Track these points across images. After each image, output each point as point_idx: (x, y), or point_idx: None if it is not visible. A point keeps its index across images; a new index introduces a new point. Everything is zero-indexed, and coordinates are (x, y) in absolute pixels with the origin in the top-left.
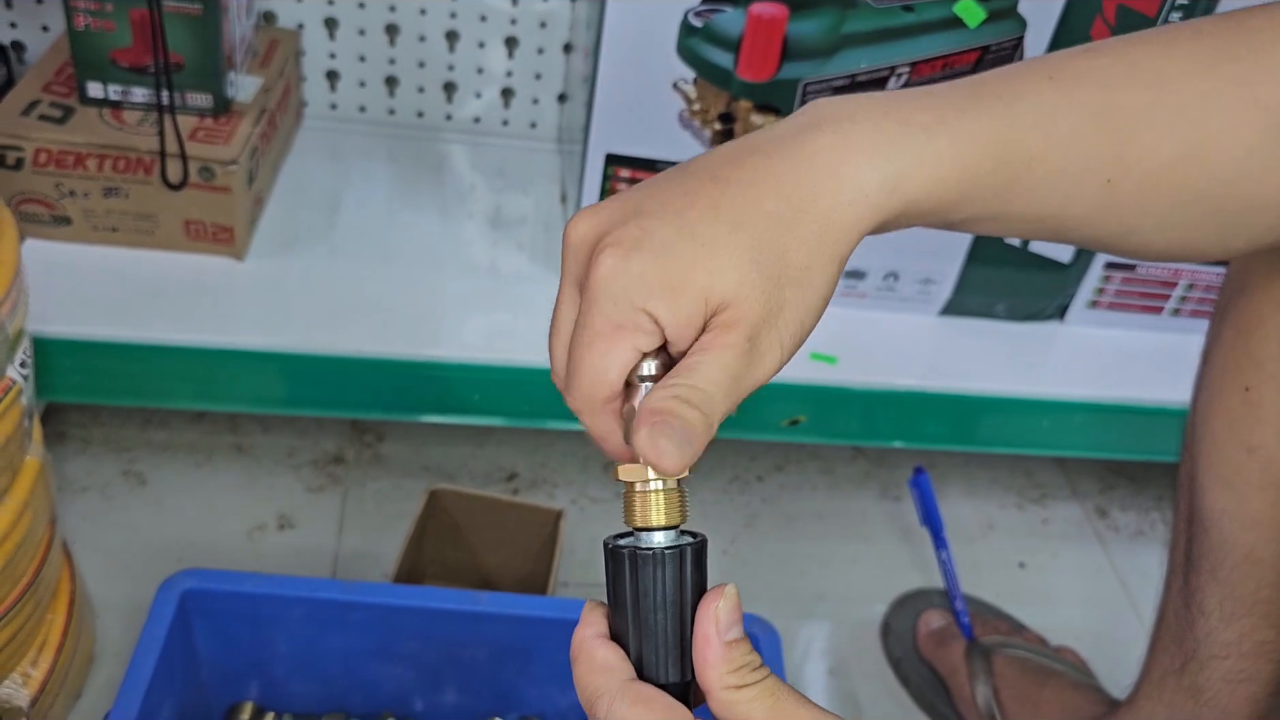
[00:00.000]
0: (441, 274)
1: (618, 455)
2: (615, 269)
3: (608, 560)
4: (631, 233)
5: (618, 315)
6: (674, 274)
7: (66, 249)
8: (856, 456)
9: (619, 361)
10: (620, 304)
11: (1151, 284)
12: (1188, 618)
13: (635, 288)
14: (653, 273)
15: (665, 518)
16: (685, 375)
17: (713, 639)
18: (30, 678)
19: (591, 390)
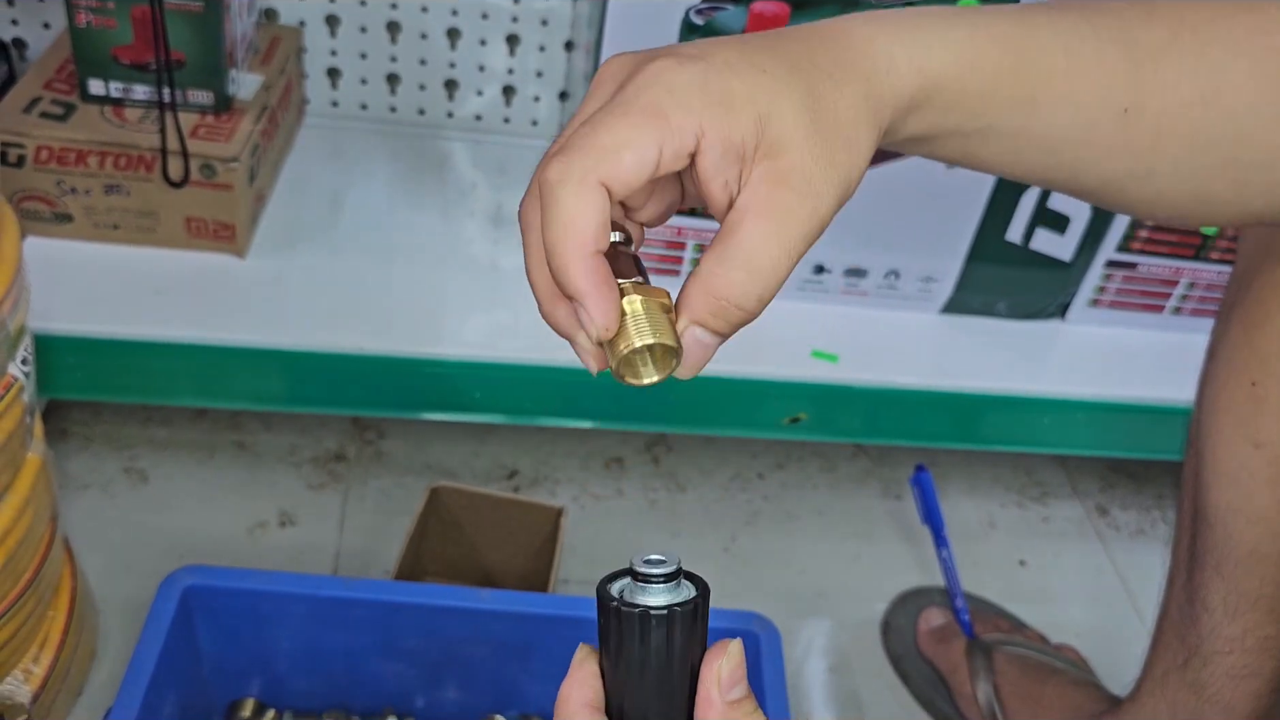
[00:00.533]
0: (443, 271)
1: (584, 249)
2: (673, 67)
3: (600, 612)
4: (690, 50)
5: (669, 104)
6: (734, 92)
7: (68, 246)
8: (857, 454)
9: (647, 144)
10: (675, 96)
11: (1153, 283)
12: (1191, 614)
13: (693, 89)
14: (713, 83)
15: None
16: (743, 252)
17: (715, 700)
18: (32, 674)
19: (601, 156)
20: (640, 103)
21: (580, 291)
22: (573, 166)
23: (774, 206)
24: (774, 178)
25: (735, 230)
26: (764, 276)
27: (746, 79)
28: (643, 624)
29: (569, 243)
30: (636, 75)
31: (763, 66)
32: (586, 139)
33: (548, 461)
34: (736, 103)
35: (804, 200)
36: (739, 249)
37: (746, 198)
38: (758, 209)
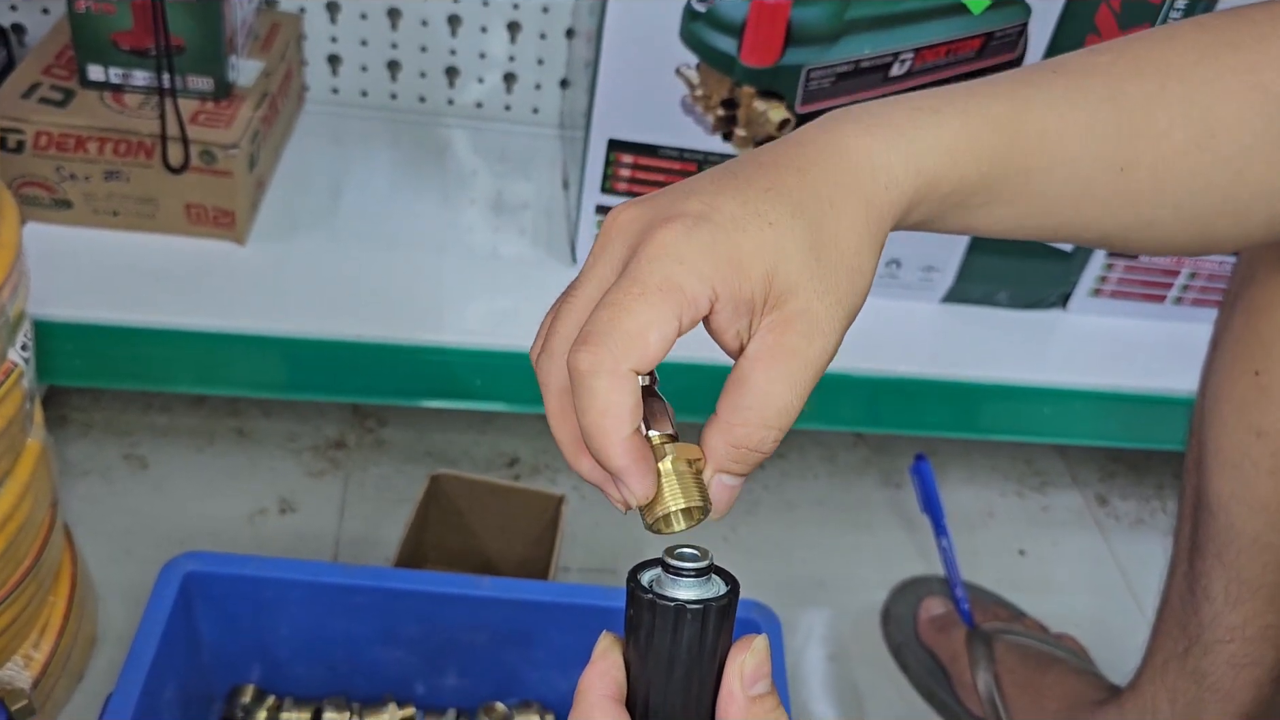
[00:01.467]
0: (443, 259)
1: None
2: (681, 235)
3: (631, 603)
4: (695, 207)
5: (680, 276)
6: (742, 251)
7: (67, 232)
8: (857, 443)
9: (667, 323)
10: (685, 266)
11: (1154, 272)
12: (1192, 603)
13: (704, 256)
14: (721, 245)
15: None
16: (754, 399)
17: (737, 695)
18: (32, 660)
19: (626, 347)
20: (655, 280)
21: (620, 469)
22: (602, 359)
23: (782, 352)
24: (782, 324)
25: (747, 379)
26: (779, 420)
27: (753, 235)
28: (677, 618)
29: (607, 428)
30: (647, 244)
31: (768, 218)
32: (611, 327)
33: (548, 450)
34: (745, 262)
35: (811, 341)
36: (753, 398)
37: (756, 346)
38: (767, 356)
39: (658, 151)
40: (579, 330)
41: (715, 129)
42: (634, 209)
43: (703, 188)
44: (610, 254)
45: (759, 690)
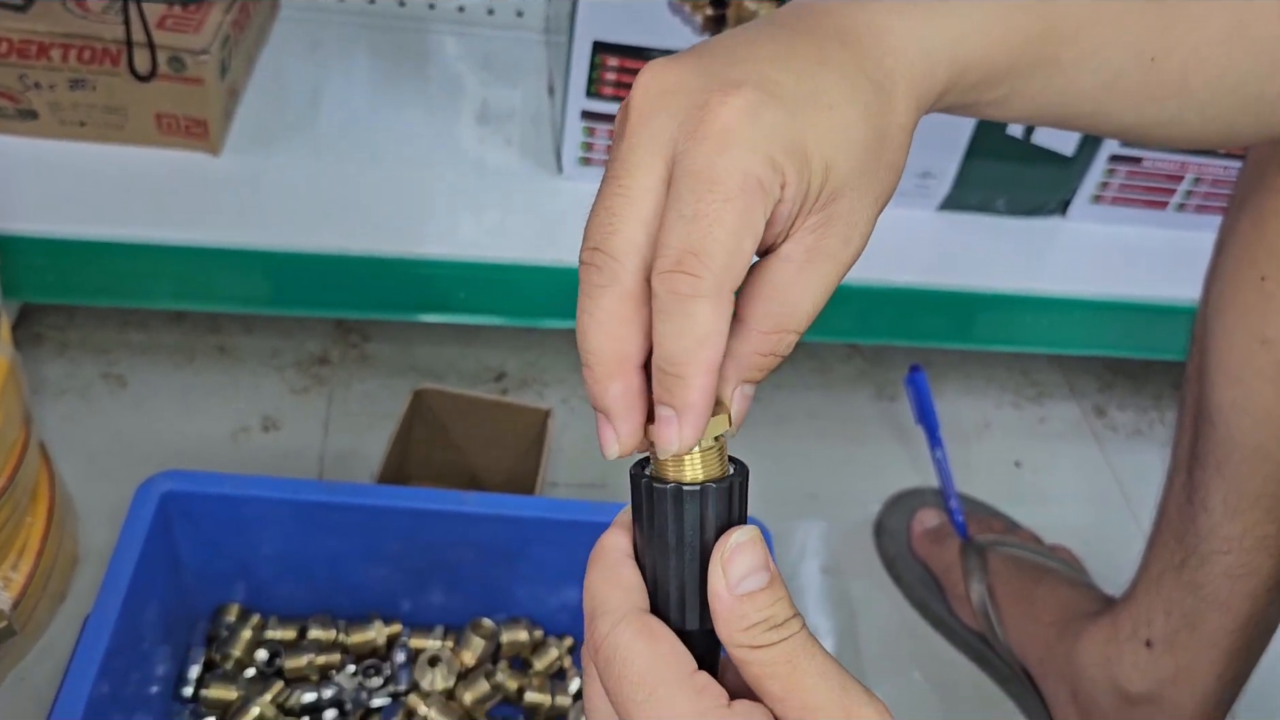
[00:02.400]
0: (427, 169)
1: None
2: (747, 116)
3: (631, 486)
4: (753, 77)
5: (758, 169)
6: (809, 136)
7: (34, 145)
8: (851, 355)
9: (758, 234)
10: (759, 155)
11: (1157, 178)
12: (1190, 514)
13: (772, 142)
14: (787, 129)
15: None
16: (785, 304)
17: (722, 594)
18: (11, 581)
19: (726, 264)
20: (736, 180)
21: (690, 405)
22: (706, 281)
23: (819, 255)
24: (824, 225)
25: (780, 283)
26: (804, 325)
27: (816, 119)
28: (650, 495)
29: (702, 359)
30: (708, 128)
31: (827, 99)
32: (710, 243)
33: (537, 363)
34: (810, 152)
35: (848, 244)
36: (784, 304)
37: (793, 247)
38: (803, 259)
39: (645, 54)
40: (648, 235)
41: (704, 29)
42: (671, 73)
43: (745, 53)
44: (655, 132)
45: (750, 586)
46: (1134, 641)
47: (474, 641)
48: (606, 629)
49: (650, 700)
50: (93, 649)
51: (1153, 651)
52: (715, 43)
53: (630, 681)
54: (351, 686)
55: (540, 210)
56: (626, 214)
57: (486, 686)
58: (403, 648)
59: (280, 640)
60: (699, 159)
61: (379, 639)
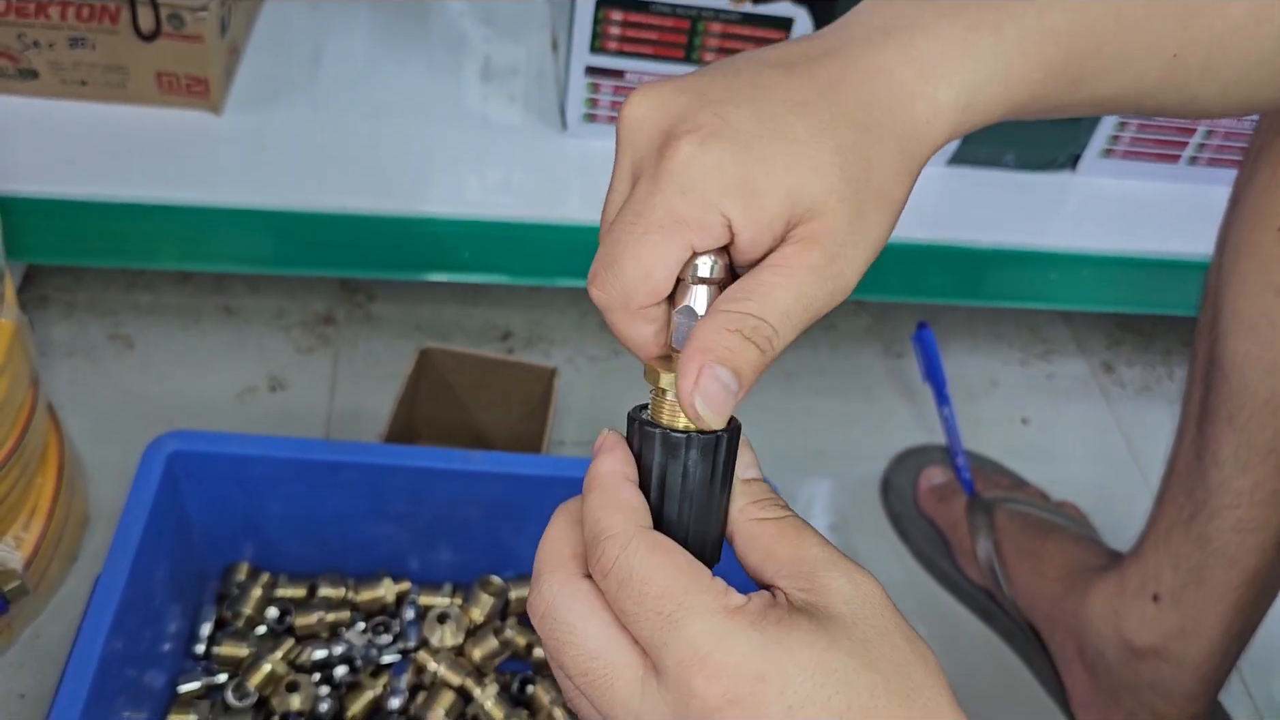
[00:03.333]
0: (430, 127)
1: (645, 356)
2: (691, 157)
3: (632, 432)
4: (708, 119)
5: (684, 208)
6: (757, 172)
7: (35, 104)
8: (858, 311)
9: (670, 261)
10: (690, 197)
11: (1168, 131)
12: (1199, 468)
13: (711, 181)
14: (733, 167)
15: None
16: (754, 298)
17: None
18: (23, 541)
19: (630, 288)
20: (657, 216)
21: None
22: (612, 296)
23: (799, 265)
24: (804, 241)
25: (753, 277)
26: (776, 320)
27: (770, 154)
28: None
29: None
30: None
31: (793, 135)
32: (616, 265)
33: (543, 322)
34: (759, 185)
35: (831, 262)
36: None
37: (773, 257)
38: (782, 265)
39: (649, 7)
40: None
41: None
42: (645, 104)
43: (718, 93)
44: (622, 161)
45: (751, 475)
46: (1141, 596)
47: (482, 599)
48: (616, 551)
49: (680, 610)
50: (105, 607)
51: (1159, 606)
52: (700, 75)
53: (653, 597)
54: (361, 643)
55: (545, 167)
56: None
57: (495, 643)
58: (411, 605)
59: (290, 598)
60: (636, 195)
61: (388, 596)
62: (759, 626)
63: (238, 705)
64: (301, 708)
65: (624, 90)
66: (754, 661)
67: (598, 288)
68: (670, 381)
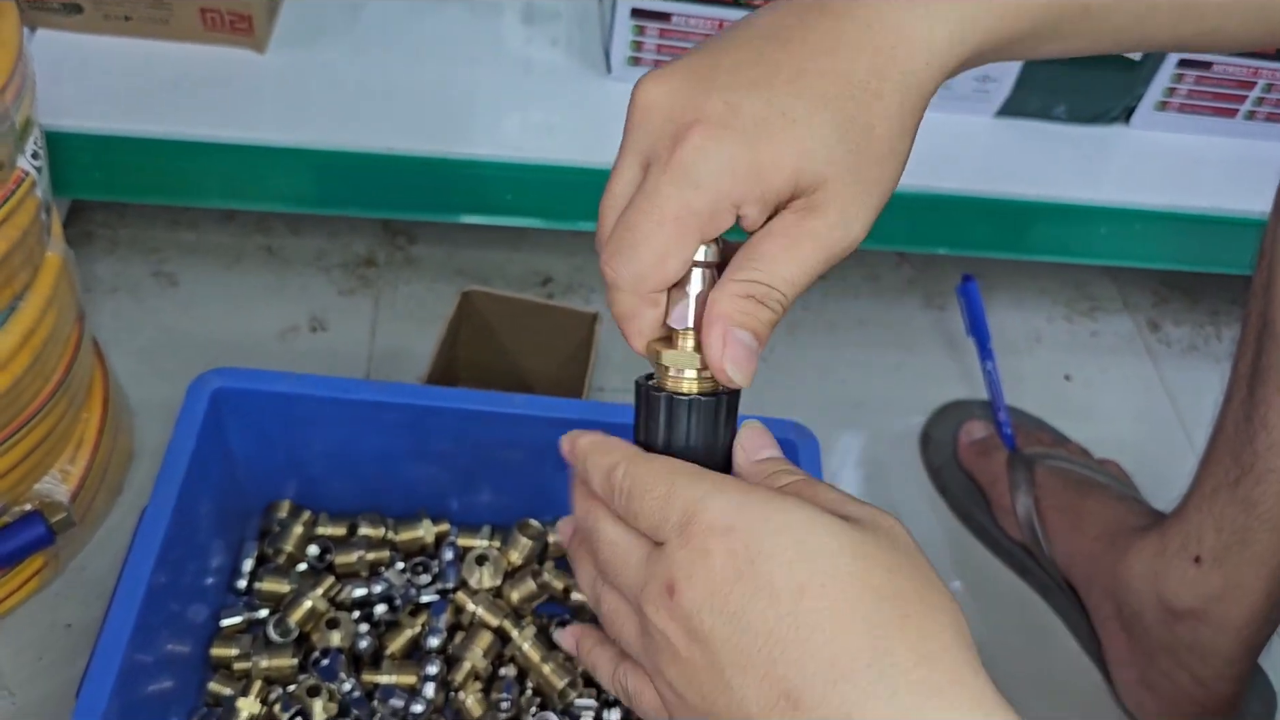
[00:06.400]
0: (473, 69)
1: (642, 335)
2: (703, 151)
3: (639, 400)
4: (717, 109)
5: (699, 202)
6: (765, 157)
7: (79, 40)
8: (901, 263)
9: (685, 252)
10: (704, 190)
11: (1227, 84)
12: (1248, 431)
13: (723, 175)
14: (743, 157)
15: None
16: (761, 266)
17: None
18: (69, 474)
19: (645, 274)
20: (672, 208)
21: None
22: (623, 277)
23: (799, 233)
24: (804, 209)
25: (756, 247)
26: (783, 286)
27: (776, 138)
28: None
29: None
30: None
31: (792, 114)
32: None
33: (583, 268)
34: (767, 170)
35: (832, 228)
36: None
37: (775, 224)
38: (781, 234)
39: None
40: None
41: None
42: (656, 90)
43: (724, 78)
44: (633, 146)
45: (765, 455)
46: (1182, 557)
47: (521, 541)
48: (620, 474)
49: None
50: (151, 539)
51: (1201, 568)
52: (708, 54)
53: (654, 490)
54: (400, 583)
55: (588, 111)
56: (608, 216)
57: (533, 585)
58: (450, 546)
59: (330, 536)
60: (651, 184)
61: (427, 537)
62: (746, 488)
63: (279, 640)
64: (341, 644)
65: (670, 33)
66: (731, 513)
67: (611, 269)
68: (673, 358)
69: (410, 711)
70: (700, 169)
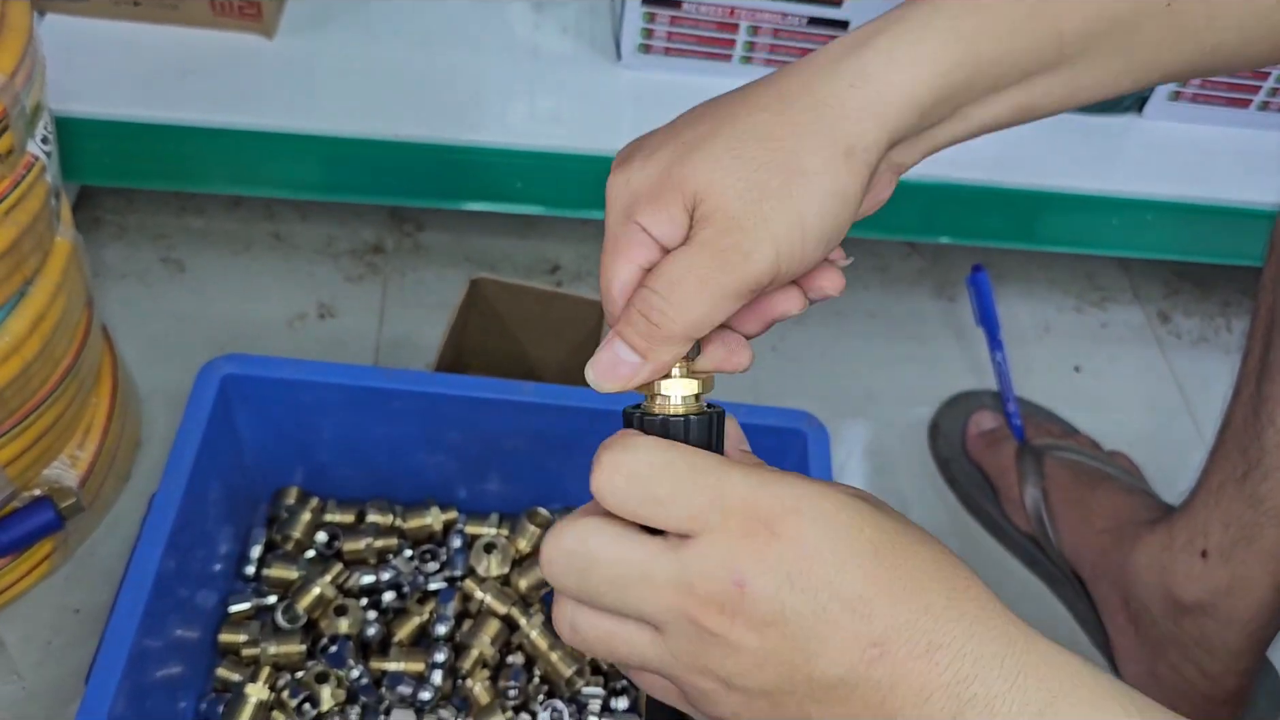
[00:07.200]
0: (482, 56)
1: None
2: (612, 184)
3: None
4: (627, 148)
5: (615, 228)
6: (655, 178)
7: (88, 25)
8: (911, 254)
9: (621, 276)
10: (614, 216)
11: (1241, 75)
12: (1256, 426)
13: (625, 198)
14: (638, 180)
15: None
16: (651, 277)
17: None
18: (78, 460)
19: (608, 302)
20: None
21: None
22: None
23: (692, 239)
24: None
25: (663, 262)
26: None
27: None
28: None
29: None
30: None
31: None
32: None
33: (591, 256)
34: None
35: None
36: (661, 279)
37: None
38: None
39: None
40: None
41: None
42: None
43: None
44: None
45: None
46: (1189, 551)
47: (529, 530)
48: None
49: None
50: (159, 525)
51: (1208, 562)
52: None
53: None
54: (409, 570)
55: (598, 99)
56: None
57: (541, 574)
58: (458, 534)
59: (339, 523)
60: None
61: (435, 525)
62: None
63: (287, 626)
64: (349, 631)
65: (680, 20)
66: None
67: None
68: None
69: (418, 698)
70: (610, 198)
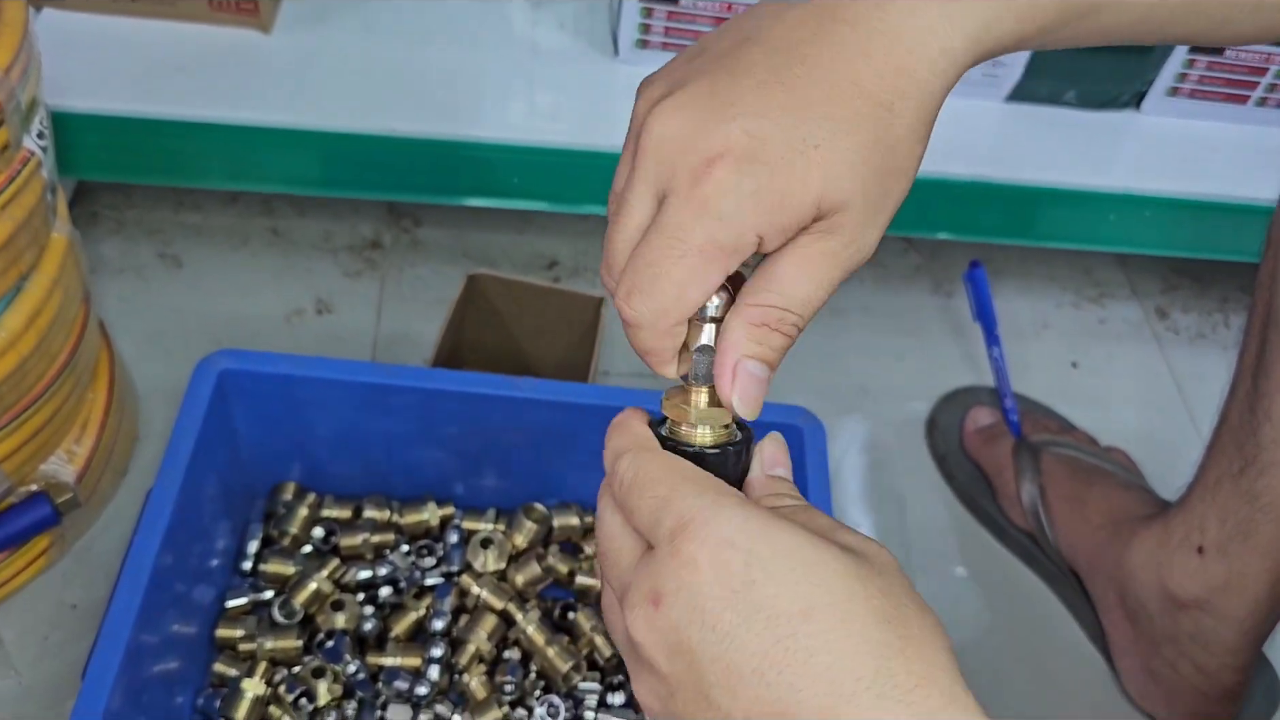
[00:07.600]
0: (479, 51)
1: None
2: (728, 187)
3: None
4: (740, 140)
5: (724, 236)
6: (789, 188)
7: (85, 20)
8: (909, 250)
9: (709, 285)
10: (729, 225)
11: (1239, 70)
12: (1252, 423)
13: (748, 208)
14: (767, 189)
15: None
16: (774, 289)
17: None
18: (75, 455)
19: (667, 310)
20: (697, 242)
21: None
22: (643, 315)
23: (816, 252)
24: (824, 230)
25: (772, 268)
26: (799, 308)
27: (801, 169)
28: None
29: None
30: (689, 192)
31: (817, 141)
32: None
33: (589, 251)
34: (791, 201)
35: (848, 245)
36: (775, 284)
37: (791, 247)
38: (800, 254)
39: None
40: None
41: None
42: (673, 120)
43: (744, 104)
44: (645, 178)
45: (778, 472)
46: (1185, 547)
47: (526, 525)
48: (626, 464)
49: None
50: (156, 520)
51: (1204, 558)
52: (717, 76)
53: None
54: (405, 565)
55: (595, 94)
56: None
57: (538, 569)
58: (455, 529)
59: (336, 519)
60: (670, 217)
61: (432, 520)
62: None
63: (284, 622)
64: (346, 626)
65: (678, 16)
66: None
67: (631, 307)
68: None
69: (415, 693)
70: (725, 203)
